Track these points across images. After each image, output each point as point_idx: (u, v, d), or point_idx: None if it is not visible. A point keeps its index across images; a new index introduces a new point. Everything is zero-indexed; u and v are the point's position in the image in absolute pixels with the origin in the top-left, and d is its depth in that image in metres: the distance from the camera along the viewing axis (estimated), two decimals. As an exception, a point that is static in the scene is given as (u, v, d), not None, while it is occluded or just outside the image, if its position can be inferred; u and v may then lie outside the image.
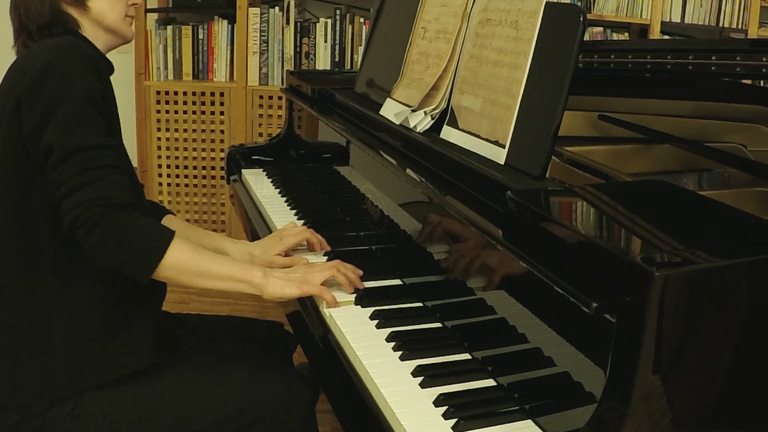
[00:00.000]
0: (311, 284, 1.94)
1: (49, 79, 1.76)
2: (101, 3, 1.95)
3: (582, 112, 2.72)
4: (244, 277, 1.87)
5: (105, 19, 1.97)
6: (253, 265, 1.93)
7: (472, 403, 1.52)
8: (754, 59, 2.23)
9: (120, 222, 1.71)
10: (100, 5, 1.95)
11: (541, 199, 1.57)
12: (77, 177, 1.71)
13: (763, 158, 2.32)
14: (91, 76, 1.80)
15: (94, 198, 1.70)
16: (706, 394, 1.29)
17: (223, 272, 1.85)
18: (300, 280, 1.93)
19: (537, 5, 1.85)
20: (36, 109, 1.75)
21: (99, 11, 1.95)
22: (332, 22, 4.63)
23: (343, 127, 2.53)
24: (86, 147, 1.74)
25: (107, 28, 1.99)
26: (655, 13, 4.38)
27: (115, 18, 1.99)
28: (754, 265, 1.27)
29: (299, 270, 1.99)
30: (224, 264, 1.88)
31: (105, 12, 1.96)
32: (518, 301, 1.55)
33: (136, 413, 1.84)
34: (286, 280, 1.92)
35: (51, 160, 1.73)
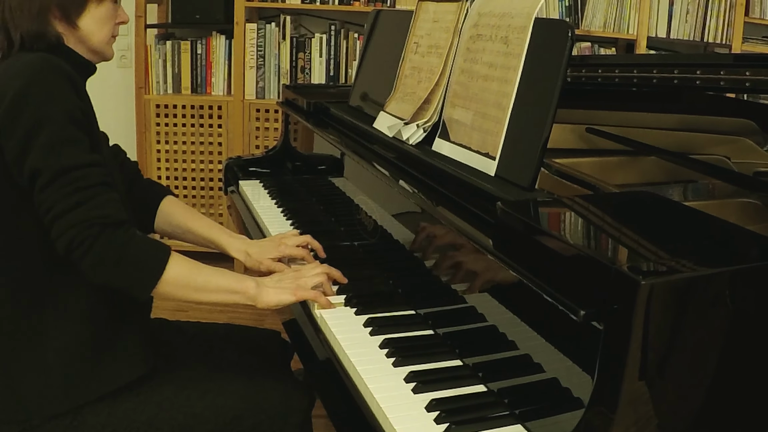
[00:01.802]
0: (305, 289, 1.93)
1: (27, 102, 1.71)
2: (90, 23, 1.91)
3: (570, 125, 2.72)
4: (239, 289, 1.86)
5: (91, 40, 1.93)
6: (246, 277, 1.91)
7: (463, 408, 1.52)
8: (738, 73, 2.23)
9: (118, 240, 1.69)
10: (89, 26, 1.91)
11: (531, 210, 1.58)
12: (69, 198, 1.68)
13: (747, 170, 2.33)
14: (70, 93, 1.76)
15: (90, 218, 1.67)
16: (691, 399, 1.30)
17: (219, 285, 1.84)
18: (293, 287, 1.92)
19: (526, 21, 1.85)
20: (17, 134, 1.70)
21: (87, 31, 1.91)
22: (327, 38, 4.63)
23: (337, 140, 2.53)
24: (74, 167, 1.70)
25: (91, 48, 1.94)
26: (641, 28, 4.39)
27: (101, 40, 1.95)
28: (737, 274, 1.27)
29: (289, 276, 1.98)
30: (220, 277, 1.86)
31: (93, 33, 1.92)
32: (508, 308, 1.55)
33: (134, 423, 1.83)
34: (279, 288, 1.91)
35: (38, 182, 1.69)
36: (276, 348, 2.36)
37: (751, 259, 1.34)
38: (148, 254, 1.74)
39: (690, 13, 4.39)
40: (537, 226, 1.47)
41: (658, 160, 2.38)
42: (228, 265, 2.06)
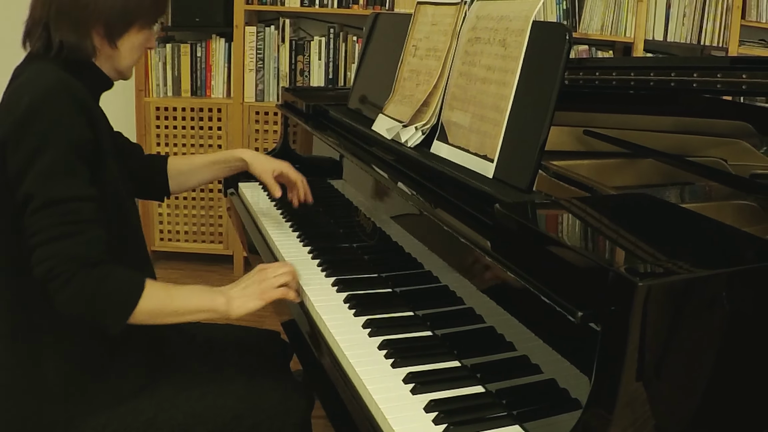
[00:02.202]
0: (270, 290, 1.93)
1: (35, 122, 1.72)
2: (127, 46, 1.93)
3: (568, 128, 2.73)
4: (210, 308, 1.86)
5: (120, 62, 1.95)
6: (216, 293, 1.90)
7: (462, 409, 1.52)
8: (734, 76, 2.23)
9: (94, 279, 1.69)
10: (125, 49, 1.93)
11: (529, 212, 1.58)
12: (55, 228, 1.68)
13: (743, 172, 2.33)
14: (78, 122, 1.75)
15: (71, 254, 1.67)
16: (689, 400, 1.30)
17: (191, 308, 1.84)
18: (258, 291, 1.92)
19: (524, 24, 1.85)
20: (20, 153, 1.70)
21: (122, 53, 1.93)
22: (326, 41, 4.63)
23: (336, 142, 2.53)
24: (67, 198, 1.69)
25: (117, 68, 1.97)
26: (638, 31, 4.39)
27: (129, 64, 1.98)
28: (734, 275, 1.27)
29: (253, 281, 1.96)
30: (192, 299, 1.85)
31: (125, 56, 1.95)
32: (506, 310, 1.55)
33: (134, 423, 1.84)
34: (246, 296, 1.91)
35: (30, 205, 1.69)
36: (275, 348, 2.36)
37: (747, 261, 1.34)
38: (121, 292, 1.73)
39: (687, 16, 4.39)
40: (535, 228, 1.47)
41: (655, 163, 2.38)
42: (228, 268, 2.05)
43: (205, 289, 1.89)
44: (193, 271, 4.80)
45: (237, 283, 1.96)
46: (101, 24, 1.87)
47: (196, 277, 4.71)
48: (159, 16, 2.01)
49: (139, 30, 1.94)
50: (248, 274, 1.99)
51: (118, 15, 1.88)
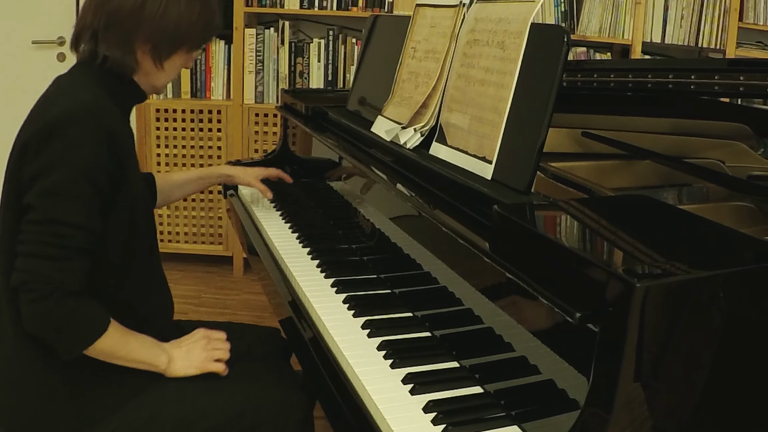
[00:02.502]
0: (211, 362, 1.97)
1: (56, 139, 1.72)
2: (170, 67, 1.96)
3: (566, 129, 2.73)
4: (152, 363, 1.89)
5: (159, 80, 1.98)
6: (161, 352, 1.93)
7: (460, 410, 1.52)
8: (732, 78, 2.23)
9: (62, 308, 1.71)
10: (170, 70, 1.97)
11: (527, 213, 1.58)
12: (44, 246, 1.70)
13: (741, 173, 2.33)
14: (98, 149, 1.75)
15: (49, 276, 1.69)
16: (686, 400, 1.30)
17: (136, 359, 1.86)
18: (201, 359, 1.96)
19: (522, 26, 1.85)
20: (35, 163, 1.72)
21: (165, 74, 1.97)
22: (325, 43, 4.64)
23: (335, 144, 2.54)
24: (63, 222, 1.71)
25: (154, 85, 2.00)
26: (636, 33, 4.39)
27: (165, 83, 2.02)
28: (731, 276, 1.27)
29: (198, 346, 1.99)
30: (140, 352, 1.87)
31: (165, 76, 1.97)
32: (504, 311, 1.55)
33: (138, 419, 1.84)
34: (189, 361, 1.95)
35: (29, 215, 1.71)
36: (276, 345, 2.36)
37: (745, 262, 1.34)
38: (83, 328, 1.76)
39: (684, 18, 4.40)
40: (533, 229, 1.47)
41: (653, 164, 2.38)
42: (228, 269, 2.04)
43: (153, 345, 1.92)
44: (193, 273, 4.80)
45: (180, 345, 1.99)
46: (149, 44, 1.89)
47: (195, 278, 4.71)
48: (208, 40, 2.07)
49: (185, 52, 1.97)
50: (193, 337, 2.02)
51: (168, 38, 1.90)
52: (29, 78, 4.93)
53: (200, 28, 1.95)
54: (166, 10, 1.87)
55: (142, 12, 1.85)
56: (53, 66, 4.92)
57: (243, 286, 4.68)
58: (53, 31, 4.88)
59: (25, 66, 4.95)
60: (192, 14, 1.91)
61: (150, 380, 1.89)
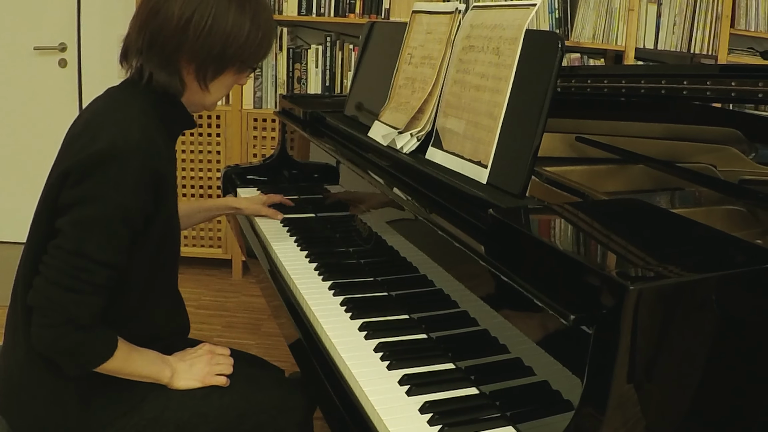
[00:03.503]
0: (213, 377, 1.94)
1: (99, 173, 1.66)
2: (217, 90, 1.89)
3: (560, 134, 2.73)
4: (156, 377, 1.87)
5: (207, 100, 1.91)
6: (165, 366, 1.90)
7: (456, 411, 1.52)
8: (724, 84, 2.23)
9: (72, 339, 1.68)
10: (216, 93, 1.90)
11: (522, 217, 1.58)
12: (67, 277, 1.65)
13: (732, 178, 2.33)
14: (138, 190, 1.69)
15: (66, 307, 1.65)
16: (679, 402, 1.30)
17: (142, 374, 1.84)
18: (202, 375, 1.93)
19: (517, 33, 1.85)
20: (74, 192, 1.66)
21: (211, 97, 1.90)
22: (323, 49, 4.63)
23: (333, 148, 2.53)
24: (92, 258, 1.65)
25: (203, 104, 1.93)
26: (629, 39, 4.40)
27: (214, 102, 1.94)
28: (723, 279, 1.27)
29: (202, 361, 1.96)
30: (144, 367, 1.85)
31: (212, 96, 1.90)
32: (500, 313, 1.55)
33: (141, 421, 1.84)
34: (192, 374, 1.92)
35: (58, 240, 1.67)
36: None
37: (736, 265, 1.34)
38: (89, 355, 1.73)
39: (677, 24, 4.40)
40: (528, 233, 1.47)
41: (646, 168, 2.38)
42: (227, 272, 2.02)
43: (157, 360, 1.90)
44: (194, 275, 4.80)
45: (184, 358, 1.97)
46: (193, 64, 1.82)
47: (195, 281, 4.71)
48: (260, 60, 1.94)
49: (235, 73, 1.89)
50: (198, 351, 2.00)
51: (214, 59, 1.81)
52: (31, 84, 4.94)
53: (250, 48, 1.85)
54: (211, 29, 1.78)
55: (186, 31, 1.76)
56: (55, 72, 4.93)
57: (242, 289, 4.68)
58: (55, 37, 4.89)
59: (27, 72, 4.95)
60: (240, 33, 1.81)
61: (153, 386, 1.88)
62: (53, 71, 4.92)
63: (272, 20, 1.94)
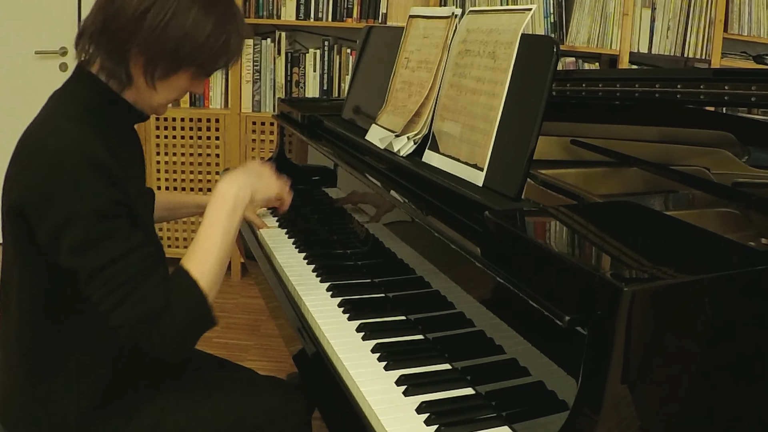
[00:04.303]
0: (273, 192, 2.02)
1: (55, 195, 1.56)
2: (165, 91, 1.76)
3: (555, 137, 2.73)
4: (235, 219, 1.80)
5: (153, 100, 1.77)
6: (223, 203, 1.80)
7: (453, 411, 1.52)
8: (717, 87, 2.24)
9: (165, 327, 1.59)
10: (165, 94, 1.77)
11: (517, 219, 1.58)
12: (109, 296, 1.58)
13: (726, 180, 2.33)
14: (99, 186, 1.58)
15: (133, 318, 1.57)
16: (673, 402, 1.30)
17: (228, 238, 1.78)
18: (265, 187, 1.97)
19: (513, 37, 1.85)
20: (46, 225, 1.59)
21: (159, 97, 1.76)
22: (321, 53, 4.63)
23: (331, 151, 2.53)
24: (109, 263, 1.57)
25: (150, 105, 1.80)
26: (624, 44, 4.40)
27: (162, 103, 1.81)
28: (716, 280, 1.28)
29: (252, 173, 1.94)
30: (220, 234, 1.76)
31: (160, 96, 1.76)
32: (495, 314, 1.55)
33: (139, 426, 1.82)
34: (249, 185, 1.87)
35: (81, 278, 1.59)
36: None
37: (730, 267, 1.34)
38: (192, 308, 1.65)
39: (671, 29, 4.40)
40: (523, 235, 1.47)
41: (641, 171, 2.38)
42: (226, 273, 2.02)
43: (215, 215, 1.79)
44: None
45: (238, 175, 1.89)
46: (143, 57, 1.69)
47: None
48: (219, 66, 1.84)
49: (189, 77, 1.77)
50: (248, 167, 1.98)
51: (166, 56, 1.69)
52: (32, 88, 4.93)
53: (209, 51, 1.72)
54: (168, 24, 1.65)
55: (142, 21, 1.63)
56: (56, 76, 4.92)
57: (240, 290, 4.68)
58: (56, 41, 4.89)
59: (28, 76, 4.95)
60: (200, 33, 1.68)
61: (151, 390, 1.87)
62: (54, 75, 4.91)
63: (242, 27, 1.84)
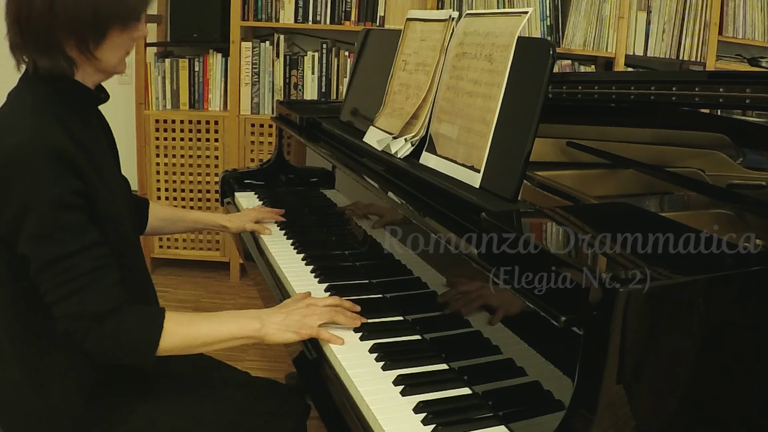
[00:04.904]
0: (309, 328, 1.83)
1: (14, 186, 1.59)
2: (108, 51, 1.73)
3: (552, 139, 2.73)
4: (242, 334, 1.78)
5: (105, 65, 1.76)
6: (247, 317, 1.81)
7: (449, 410, 1.52)
8: (712, 90, 2.23)
9: (107, 332, 1.62)
10: (106, 53, 1.74)
11: (514, 220, 1.58)
12: (59, 289, 1.60)
13: (720, 182, 2.33)
14: (58, 176, 1.61)
15: (77, 312, 1.60)
16: (667, 402, 1.30)
17: (222, 336, 1.76)
18: (298, 326, 1.82)
19: (510, 40, 1.85)
20: (6, 215, 1.61)
21: (103, 59, 1.74)
22: (319, 56, 4.63)
23: (329, 153, 2.53)
24: (63, 256, 1.60)
25: (104, 70, 1.79)
26: (619, 46, 4.40)
27: (115, 63, 1.78)
28: (711, 281, 1.28)
29: (298, 312, 1.86)
30: (221, 326, 1.77)
31: (108, 59, 1.75)
32: (492, 314, 1.55)
33: (136, 426, 1.82)
34: (284, 327, 1.82)
35: (32, 267, 1.62)
36: None
37: (724, 268, 1.34)
38: (139, 338, 1.66)
39: (666, 32, 4.40)
40: (520, 236, 1.47)
41: (636, 173, 2.38)
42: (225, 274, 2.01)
43: (234, 316, 1.82)
44: (192, 278, 4.80)
45: (280, 309, 1.88)
46: (72, 38, 1.69)
47: (193, 283, 4.71)
48: (141, 10, 1.79)
49: (120, 32, 1.74)
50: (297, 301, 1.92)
51: (91, 26, 1.69)
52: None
53: (125, 4, 1.72)
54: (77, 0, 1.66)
55: (53, 9, 1.64)
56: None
57: (239, 291, 4.68)
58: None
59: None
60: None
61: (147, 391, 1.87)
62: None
63: None
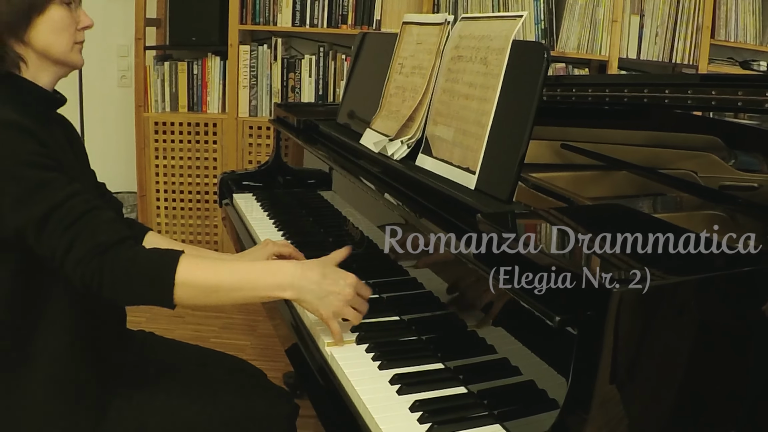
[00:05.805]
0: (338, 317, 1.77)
1: None
2: (43, 36, 1.70)
3: (546, 142, 2.73)
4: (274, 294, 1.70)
5: (51, 52, 1.73)
6: (284, 275, 1.70)
7: (445, 409, 1.52)
8: (704, 93, 2.24)
9: (123, 259, 1.57)
10: (43, 38, 1.71)
11: (509, 222, 1.58)
12: (61, 239, 1.56)
13: (713, 184, 2.33)
14: (21, 143, 1.58)
15: (88, 249, 1.55)
16: (660, 401, 1.30)
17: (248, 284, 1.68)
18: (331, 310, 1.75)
19: (505, 43, 1.85)
20: None
21: (43, 44, 1.71)
22: (316, 59, 4.64)
23: (326, 155, 2.53)
24: (53, 207, 1.56)
25: (55, 60, 1.75)
26: (613, 50, 4.40)
27: (63, 49, 1.75)
28: (703, 282, 1.28)
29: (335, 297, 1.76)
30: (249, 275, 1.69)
31: (50, 44, 1.72)
32: (487, 314, 1.55)
33: (127, 430, 1.80)
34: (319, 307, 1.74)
35: (31, 235, 1.57)
36: None
37: (716, 268, 1.34)
38: (156, 262, 1.61)
39: (659, 35, 4.41)
40: (515, 237, 1.47)
41: (629, 175, 2.38)
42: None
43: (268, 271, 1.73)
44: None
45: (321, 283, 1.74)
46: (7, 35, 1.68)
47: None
48: None
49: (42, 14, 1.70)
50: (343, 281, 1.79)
51: (21, 17, 1.67)
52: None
53: None
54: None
55: None
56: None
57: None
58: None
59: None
60: None
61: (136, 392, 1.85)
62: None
63: None
